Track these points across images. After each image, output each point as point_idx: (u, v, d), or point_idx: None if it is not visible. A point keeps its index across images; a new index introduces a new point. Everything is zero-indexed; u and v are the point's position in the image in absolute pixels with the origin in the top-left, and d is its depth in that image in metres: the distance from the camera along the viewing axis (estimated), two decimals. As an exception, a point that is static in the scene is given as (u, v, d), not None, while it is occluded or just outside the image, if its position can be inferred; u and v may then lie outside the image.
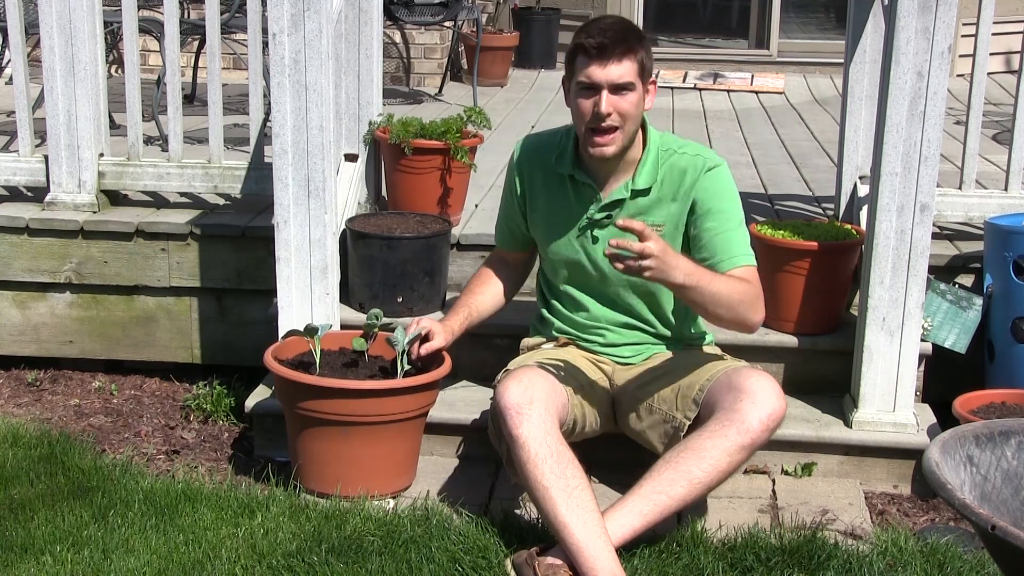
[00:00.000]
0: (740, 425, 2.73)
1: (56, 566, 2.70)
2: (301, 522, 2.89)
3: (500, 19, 8.35)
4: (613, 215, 2.96)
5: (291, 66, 3.24)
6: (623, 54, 2.80)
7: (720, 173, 2.94)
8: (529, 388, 2.76)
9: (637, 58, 2.82)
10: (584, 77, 2.82)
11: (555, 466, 2.67)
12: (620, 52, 2.80)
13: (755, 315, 2.88)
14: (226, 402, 3.75)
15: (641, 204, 2.95)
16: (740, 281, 2.85)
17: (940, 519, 3.13)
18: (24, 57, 4.03)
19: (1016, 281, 3.48)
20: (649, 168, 2.94)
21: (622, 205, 2.96)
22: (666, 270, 2.65)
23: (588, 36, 2.81)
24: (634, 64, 2.82)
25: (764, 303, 2.91)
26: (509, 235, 3.22)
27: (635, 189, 2.94)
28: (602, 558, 2.57)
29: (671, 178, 2.94)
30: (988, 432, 1.99)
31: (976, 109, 3.79)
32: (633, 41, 2.82)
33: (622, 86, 2.81)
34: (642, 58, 2.83)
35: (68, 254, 3.95)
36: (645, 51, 2.85)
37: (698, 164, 2.93)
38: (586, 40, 2.81)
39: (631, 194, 2.94)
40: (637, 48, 2.82)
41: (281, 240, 3.34)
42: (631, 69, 2.81)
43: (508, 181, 3.16)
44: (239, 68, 6.33)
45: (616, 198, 2.95)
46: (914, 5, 3.06)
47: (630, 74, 2.81)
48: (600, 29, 2.82)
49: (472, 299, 3.19)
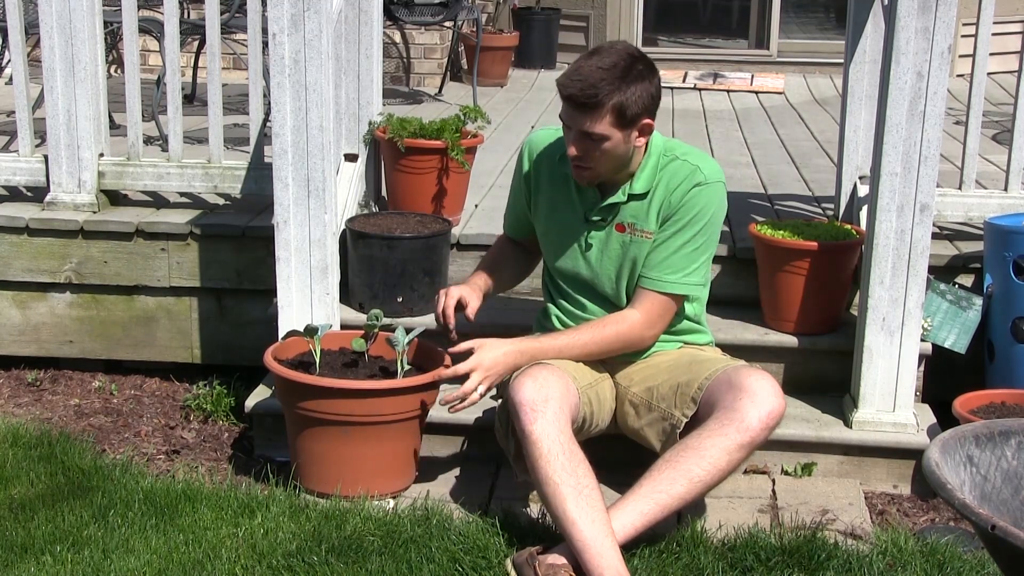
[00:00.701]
0: (740, 424, 2.73)
1: (56, 566, 2.70)
2: (301, 522, 2.89)
3: (500, 19, 8.35)
4: (608, 219, 2.97)
5: (291, 66, 3.24)
6: (592, 109, 2.73)
7: (707, 192, 2.89)
8: (544, 386, 2.76)
9: (610, 108, 2.73)
10: (562, 114, 2.83)
11: (567, 463, 2.68)
12: (589, 108, 2.73)
13: (638, 347, 3.01)
14: (226, 402, 3.75)
15: (634, 209, 2.95)
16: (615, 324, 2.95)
17: (940, 519, 3.13)
18: (24, 57, 4.03)
19: (1016, 281, 3.48)
20: (648, 173, 2.94)
21: (618, 208, 2.96)
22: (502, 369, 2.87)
23: (566, 77, 2.77)
24: (606, 118, 2.74)
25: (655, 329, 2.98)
26: (517, 223, 3.23)
27: (632, 193, 2.94)
28: (608, 557, 2.58)
29: (665, 185, 2.93)
30: (988, 432, 1.99)
31: (976, 109, 3.78)
32: (605, 93, 2.71)
33: (589, 135, 2.78)
34: (619, 105, 2.73)
35: (68, 254, 3.95)
36: (628, 95, 2.73)
37: (690, 177, 2.90)
38: (562, 80, 2.78)
39: (627, 198, 2.95)
40: (610, 97, 2.72)
41: (281, 240, 3.34)
42: (601, 123, 2.75)
43: (515, 175, 3.17)
44: (239, 68, 6.33)
45: (613, 201, 2.96)
46: (914, 5, 3.06)
47: (600, 126, 2.75)
48: (577, 76, 2.74)
49: (491, 264, 3.22)
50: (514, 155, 4.94)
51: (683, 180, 2.90)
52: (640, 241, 2.95)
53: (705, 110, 6.65)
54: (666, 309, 2.96)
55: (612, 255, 2.99)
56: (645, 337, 2.99)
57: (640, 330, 2.97)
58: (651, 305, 2.95)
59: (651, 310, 2.95)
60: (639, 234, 2.95)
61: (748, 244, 3.64)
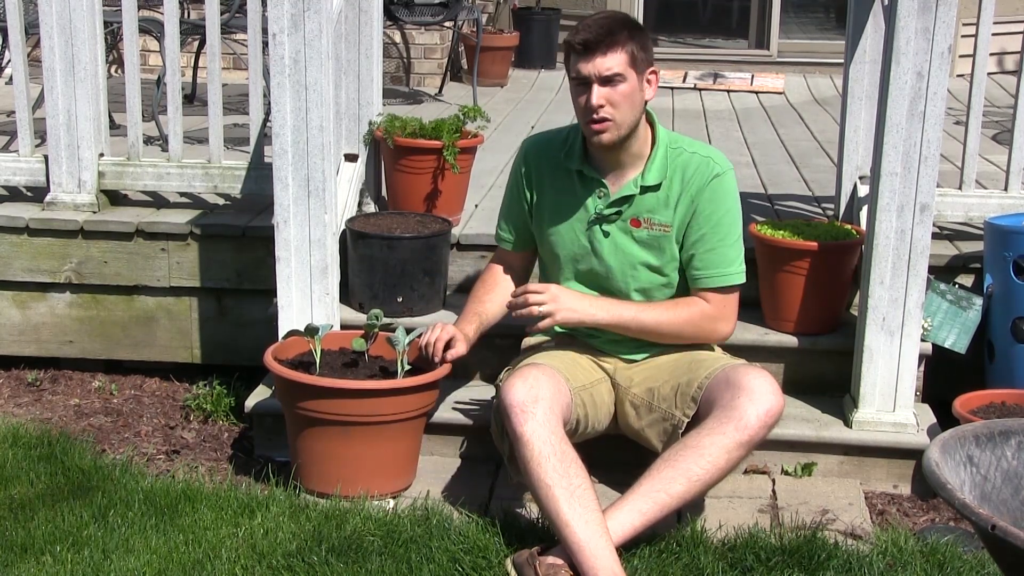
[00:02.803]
0: (738, 422, 2.74)
1: (56, 566, 2.70)
2: (301, 522, 2.89)
3: (500, 19, 8.35)
4: (622, 211, 2.98)
5: (291, 66, 3.24)
6: (608, 47, 2.81)
7: (725, 181, 2.96)
8: (534, 387, 2.76)
9: (625, 49, 2.82)
10: (575, 73, 2.86)
11: (558, 465, 2.67)
12: (605, 45, 2.81)
13: (715, 336, 3.04)
14: (226, 402, 3.75)
15: (649, 202, 2.96)
16: (696, 308, 2.97)
17: (940, 519, 3.13)
18: (24, 57, 4.03)
19: (1016, 281, 3.48)
20: (658, 164, 2.95)
21: (631, 201, 2.97)
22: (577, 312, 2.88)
23: (575, 34, 2.86)
24: (622, 55, 2.82)
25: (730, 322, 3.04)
26: (513, 234, 3.18)
27: (644, 185, 2.95)
28: (603, 557, 2.57)
29: (679, 178, 2.95)
30: (988, 432, 1.99)
31: (976, 109, 3.79)
32: (619, 33, 2.82)
33: (610, 78, 2.82)
34: (632, 49, 2.83)
35: (68, 254, 3.95)
36: (636, 42, 2.84)
37: (706, 170, 2.94)
38: (573, 38, 2.85)
39: (640, 190, 2.96)
40: (624, 40, 2.82)
41: (281, 240, 3.34)
42: (618, 60, 2.82)
43: (513, 179, 3.16)
44: (239, 68, 6.33)
45: (625, 194, 2.96)
46: (914, 5, 3.06)
47: (618, 65, 2.82)
48: (586, 26, 2.85)
49: (481, 307, 3.17)
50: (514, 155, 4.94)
51: (701, 174, 2.94)
52: (658, 235, 2.97)
53: (705, 110, 6.65)
54: (735, 301, 3.03)
55: (627, 250, 2.99)
56: (722, 331, 3.04)
57: (713, 323, 3.00)
58: (722, 300, 2.99)
59: (725, 304, 3.00)
60: (656, 227, 2.97)
61: (748, 244, 3.60)
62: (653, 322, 2.97)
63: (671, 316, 2.98)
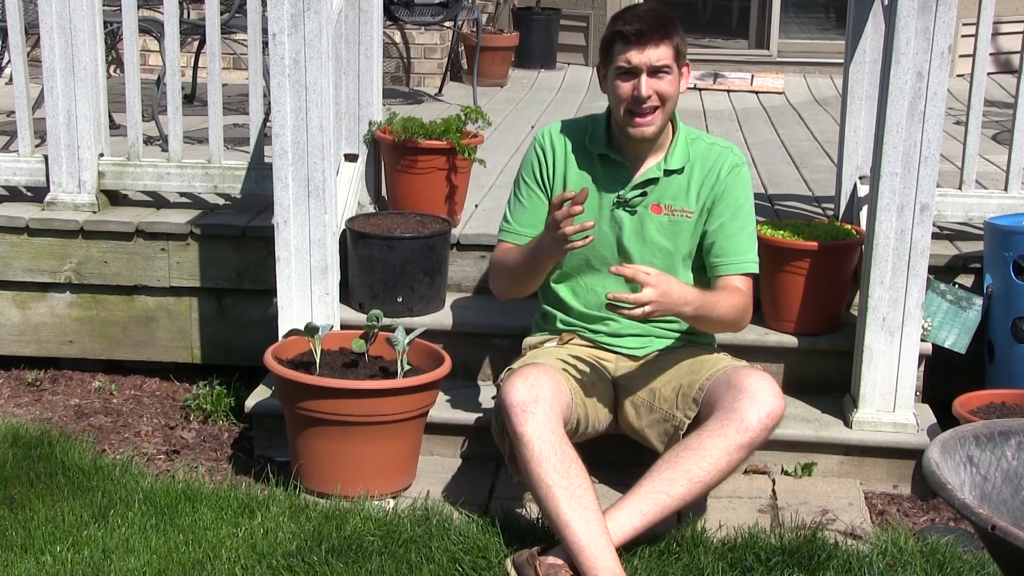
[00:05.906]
0: (739, 424, 2.74)
1: (56, 566, 2.70)
2: (301, 522, 2.89)
3: (500, 19, 8.34)
4: (647, 192, 3.00)
5: (291, 66, 3.24)
6: (660, 39, 2.87)
7: (745, 172, 3.04)
8: (535, 386, 2.76)
9: (673, 43, 2.90)
10: (623, 62, 2.88)
11: (559, 465, 2.67)
12: (658, 37, 2.87)
13: (743, 324, 3.05)
14: (226, 402, 3.75)
15: (672, 188, 3.00)
16: (736, 295, 2.97)
17: (940, 519, 3.13)
18: (24, 57, 4.03)
19: (1016, 281, 3.48)
20: (681, 149, 3.01)
21: (656, 183, 2.99)
22: (671, 308, 2.78)
23: (626, 24, 2.89)
24: (670, 48, 2.89)
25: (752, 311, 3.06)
26: (525, 228, 3.05)
27: (668, 168, 2.99)
28: (603, 557, 2.57)
29: (701, 166, 3.00)
30: (988, 432, 1.99)
31: (976, 109, 3.78)
32: (669, 26, 2.90)
33: (660, 68, 2.88)
34: (677, 42, 2.91)
35: (68, 254, 3.95)
36: (680, 36, 2.93)
37: (728, 158, 3.02)
38: (624, 27, 2.88)
39: (664, 173, 2.99)
40: (672, 33, 2.90)
41: (281, 240, 3.34)
42: (668, 53, 2.88)
43: (529, 166, 3.07)
44: (239, 68, 6.33)
45: (650, 176, 2.99)
46: (914, 5, 3.06)
47: (667, 57, 2.88)
48: (637, 16, 2.89)
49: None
50: (514, 155, 4.95)
51: (723, 162, 3.01)
52: (680, 220, 2.99)
53: (705, 110, 6.64)
54: (751, 289, 3.04)
55: (647, 236, 3.00)
56: (748, 319, 3.05)
57: (747, 311, 3.02)
58: (748, 286, 3.02)
59: (751, 291, 3.03)
60: (679, 213, 2.99)
61: (748, 244, 3.63)
62: (720, 311, 2.93)
63: (727, 303, 2.95)
